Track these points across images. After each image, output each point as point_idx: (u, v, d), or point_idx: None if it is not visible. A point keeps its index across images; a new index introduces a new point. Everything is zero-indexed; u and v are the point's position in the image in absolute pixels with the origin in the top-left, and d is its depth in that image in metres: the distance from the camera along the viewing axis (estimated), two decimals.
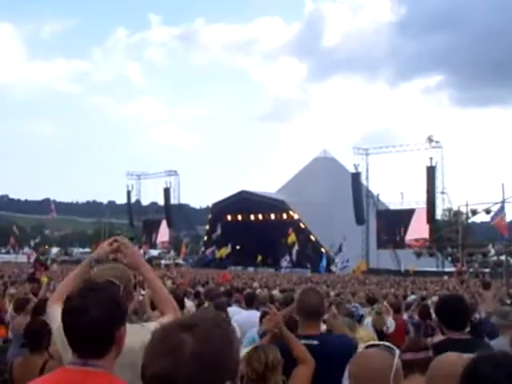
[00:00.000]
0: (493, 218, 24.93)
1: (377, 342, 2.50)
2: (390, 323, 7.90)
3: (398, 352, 2.25)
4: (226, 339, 1.29)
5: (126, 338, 1.97)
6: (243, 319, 6.14)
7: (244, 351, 3.27)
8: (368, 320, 7.79)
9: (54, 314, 2.48)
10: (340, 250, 48.46)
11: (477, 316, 7.74)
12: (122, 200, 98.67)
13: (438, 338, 3.75)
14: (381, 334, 7.18)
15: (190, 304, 8.26)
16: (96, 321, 1.77)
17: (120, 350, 1.89)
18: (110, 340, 1.83)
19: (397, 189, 63.65)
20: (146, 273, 2.70)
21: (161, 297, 2.66)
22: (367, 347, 2.25)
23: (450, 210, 60.90)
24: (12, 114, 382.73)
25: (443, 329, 3.57)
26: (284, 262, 51.50)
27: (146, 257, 65.93)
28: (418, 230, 54.11)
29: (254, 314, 6.10)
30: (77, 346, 1.83)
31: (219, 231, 64.25)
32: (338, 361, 3.18)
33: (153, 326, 2.42)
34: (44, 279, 11.68)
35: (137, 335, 2.24)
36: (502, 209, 23.91)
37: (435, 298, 12.43)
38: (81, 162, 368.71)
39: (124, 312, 1.91)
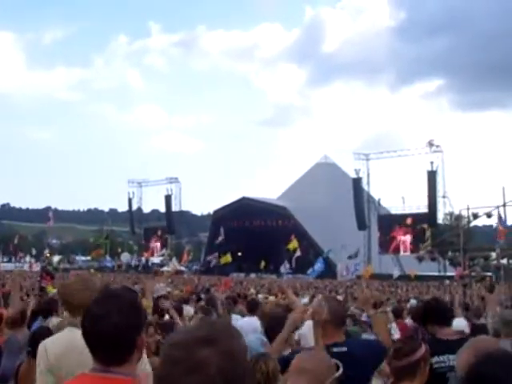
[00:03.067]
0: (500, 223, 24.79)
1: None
2: (394, 329, 7.90)
3: (341, 370, 2.32)
4: (244, 350, 1.30)
5: None
6: (242, 325, 6.15)
7: None
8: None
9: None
10: (356, 255, 48.22)
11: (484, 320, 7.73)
12: (123, 208, 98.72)
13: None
14: None
15: (187, 309, 8.33)
16: (117, 326, 1.76)
17: (141, 356, 1.88)
18: (132, 346, 1.81)
19: (398, 193, 63.82)
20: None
21: None
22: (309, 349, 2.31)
23: (451, 214, 60.88)
24: (13, 122, 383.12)
25: (435, 328, 3.67)
26: (283, 269, 51.36)
27: (149, 264, 66.18)
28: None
29: (254, 320, 6.10)
30: (98, 353, 1.81)
31: (223, 236, 64.23)
32: (366, 366, 3.28)
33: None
34: (51, 289, 11.57)
35: None
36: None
37: (414, 302, 12.47)
38: (82, 169, 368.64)
39: (144, 318, 1.90)
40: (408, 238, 56.04)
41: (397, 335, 7.70)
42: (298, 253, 50.17)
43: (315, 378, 2.18)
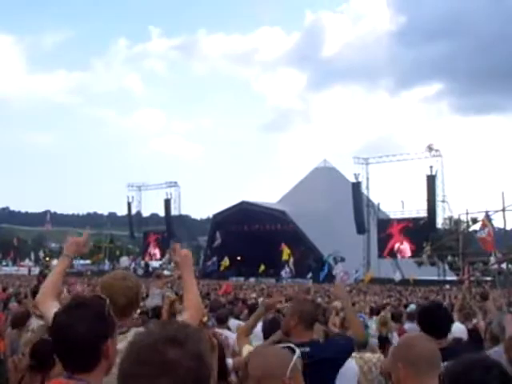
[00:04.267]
0: (478, 239, 23.32)
1: (283, 345, 2.61)
2: (394, 338, 7.87)
3: (298, 352, 2.37)
4: (209, 351, 1.33)
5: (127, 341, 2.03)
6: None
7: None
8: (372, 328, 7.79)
9: (47, 312, 2.59)
10: (342, 259, 48.40)
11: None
12: (122, 211, 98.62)
13: None
14: (385, 341, 7.19)
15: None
16: (81, 336, 1.83)
17: (111, 363, 1.93)
18: (97, 354, 1.87)
19: (397, 198, 63.82)
20: (186, 275, 2.89)
21: (189, 296, 2.81)
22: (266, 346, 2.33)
23: (450, 218, 60.91)
24: (12, 126, 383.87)
25: None
26: (284, 273, 51.56)
27: (149, 268, 66.08)
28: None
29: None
30: (64, 361, 1.90)
31: (219, 240, 64.18)
32: (329, 367, 3.48)
33: None
34: None
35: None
36: (489, 220, 22.72)
37: (413, 306, 12.45)
38: (81, 173, 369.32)
39: (110, 325, 1.94)
40: (407, 243, 56.02)
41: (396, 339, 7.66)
42: (292, 258, 50.41)
43: (273, 379, 2.18)
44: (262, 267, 55.96)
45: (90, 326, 1.85)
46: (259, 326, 5.91)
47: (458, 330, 6.54)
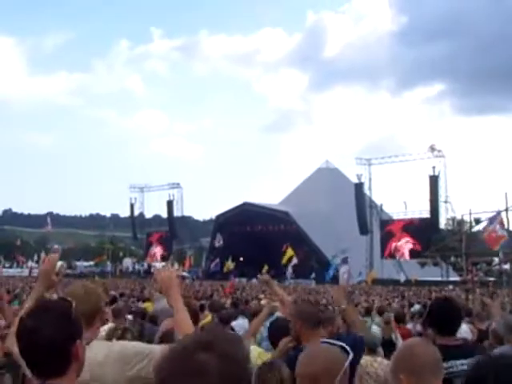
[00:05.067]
0: (484, 230, 23.65)
1: (332, 341, 2.55)
2: (398, 338, 7.83)
3: (351, 355, 2.30)
4: (243, 354, 1.31)
5: (90, 352, 2.00)
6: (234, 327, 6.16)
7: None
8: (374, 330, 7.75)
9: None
10: (344, 260, 48.36)
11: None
12: (125, 213, 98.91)
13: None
14: (389, 344, 7.15)
15: None
16: (49, 339, 1.78)
17: (81, 365, 1.90)
18: (66, 357, 1.83)
19: (400, 198, 63.82)
20: (172, 302, 2.72)
21: (180, 327, 2.67)
22: (322, 343, 2.28)
23: (453, 218, 60.82)
24: (14, 128, 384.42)
25: (434, 334, 3.53)
26: (288, 274, 51.68)
27: (151, 269, 66.14)
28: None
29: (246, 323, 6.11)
30: (34, 367, 1.84)
31: (221, 242, 64.21)
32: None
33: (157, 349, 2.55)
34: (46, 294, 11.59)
35: (102, 349, 2.46)
36: (493, 219, 22.83)
37: (417, 307, 12.41)
38: (84, 175, 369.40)
39: (78, 327, 1.90)
40: (410, 243, 55.95)
41: (400, 340, 7.62)
42: (295, 260, 50.41)
43: (327, 379, 2.11)
44: (265, 268, 55.94)
45: (56, 328, 1.81)
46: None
47: (463, 329, 6.50)
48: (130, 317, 7.85)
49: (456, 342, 3.37)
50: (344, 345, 2.48)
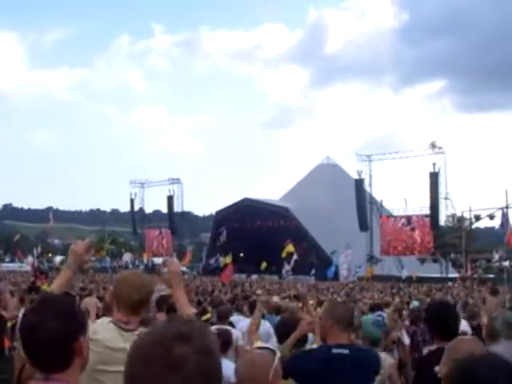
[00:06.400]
0: (503, 225, 23.89)
1: (263, 345, 2.74)
2: (403, 335, 7.79)
3: (278, 354, 2.53)
4: (217, 346, 1.29)
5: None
6: (247, 327, 6.17)
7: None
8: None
9: None
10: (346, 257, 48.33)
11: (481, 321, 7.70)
12: (125, 208, 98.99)
13: (435, 346, 3.74)
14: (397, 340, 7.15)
15: None
16: (52, 334, 1.78)
17: (85, 360, 1.90)
18: (69, 352, 1.82)
19: (400, 195, 63.75)
20: (177, 294, 2.83)
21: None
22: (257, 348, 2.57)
23: (453, 215, 60.86)
24: (14, 123, 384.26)
25: (434, 337, 3.57)
26: (284, 271, 51.58)
27: (150, 264, 66.20)
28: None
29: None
30: (37, 362, 1.84)
31: (225, 238, 64.13)
32: (367, 371, 3.48)
33: None
34: (45, 287, 11.56)
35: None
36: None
37: (416, 303, 12.39)
38: (84, 170, 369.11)
39: (81, 322, 1.89)
40: (410, 240, 55.92)
41: (407, 340, 7.50)
42: (295, 256, 50.34)
43: (262, 379, 2.34)
44: (265, 264, 55.96)
45: (60, 323, 1.80)
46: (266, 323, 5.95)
47: (462, 324, 6.52)
48: None
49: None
50: (271, 346, 2.71)
